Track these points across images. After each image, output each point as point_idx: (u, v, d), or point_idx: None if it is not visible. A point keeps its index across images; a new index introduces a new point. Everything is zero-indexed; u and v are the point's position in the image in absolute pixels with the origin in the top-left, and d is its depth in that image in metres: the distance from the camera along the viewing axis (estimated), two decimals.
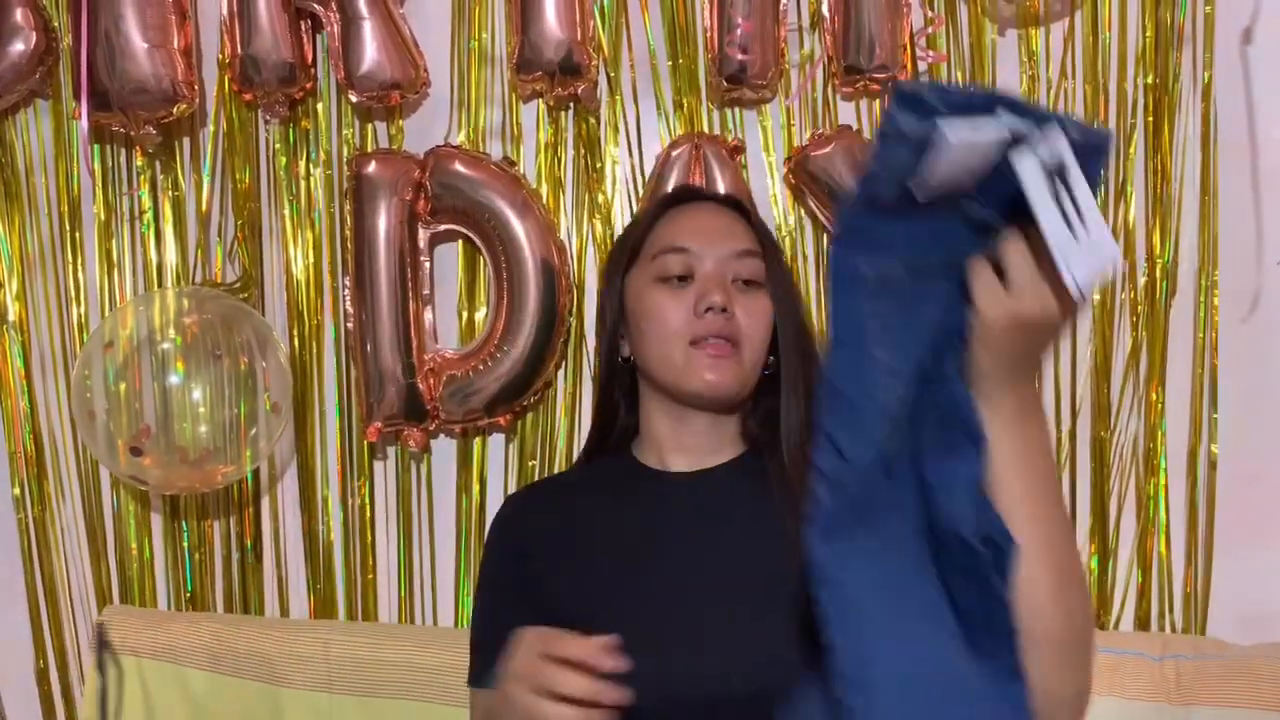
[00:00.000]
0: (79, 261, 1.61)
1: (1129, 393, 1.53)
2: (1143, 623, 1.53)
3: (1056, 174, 0.74)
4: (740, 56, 1.47)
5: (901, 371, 0.79)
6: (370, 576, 1.61)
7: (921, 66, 1.53)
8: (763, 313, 1.14)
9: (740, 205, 1.23)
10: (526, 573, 1.14)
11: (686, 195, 1.25)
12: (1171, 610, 1.53)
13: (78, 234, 1.61)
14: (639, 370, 1.19)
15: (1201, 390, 1.52)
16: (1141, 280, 1.53)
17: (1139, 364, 1.53)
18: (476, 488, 1.59)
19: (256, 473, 1.61)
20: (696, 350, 1.12)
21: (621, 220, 1.56)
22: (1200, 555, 1.53)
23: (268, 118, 1.57)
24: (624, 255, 1.20)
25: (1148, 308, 1.52)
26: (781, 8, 1.50)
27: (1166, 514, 1.53)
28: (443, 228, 1.54)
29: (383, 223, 1.50)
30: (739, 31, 1.46)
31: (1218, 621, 1.52)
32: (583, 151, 1.56)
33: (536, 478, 1.58)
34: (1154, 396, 1.52)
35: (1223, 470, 1.52)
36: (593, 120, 1.56)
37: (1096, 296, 1.53)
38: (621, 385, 1.21)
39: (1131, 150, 1.52)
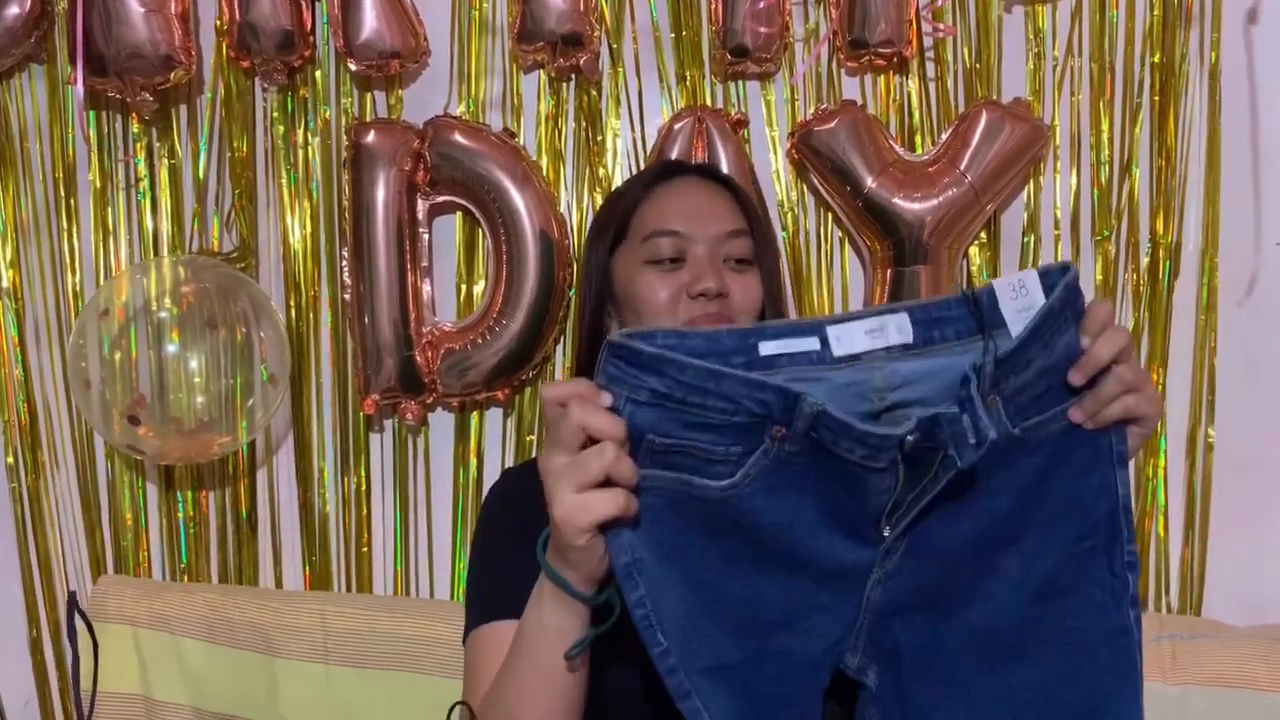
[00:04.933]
0: (74, 229, 1.60)
1: None
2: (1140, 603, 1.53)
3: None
4: (763, 30, 1.46)
5: None
6: (366, 549, 1.60)
7: (928, 41, 1.52)
8: (754, 290, 1.15)
9: (726, 180, 1.22)
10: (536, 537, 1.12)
11: (672, 170, 1.23)
12: (1168, 592, 1.54)
13: (73, 201, 1.59)
14: None
15: (1202, 372, 1.52)
16: (1144, 261, 1.52)
17: (1140, 345, 1.52)
18: (474, 461, 1.59)
19: (252, 444, 1.60)
20: None
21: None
22: (1198, 537, 1.53)
23: (266, 85, 1.56)
24: (609, 231, 1.19)
25: (1150, 289, 1.52)
26: None
27: (1165, 495, 1.53)
28: (442, 199, 1.53)
29: (381, 193, 1.48)
30: (761, 5, 1.44)
31: (1214, 603, 1.53)
32: (584, 124, 1.55)
33: (535, 452, 1.57)
34: (1155, 378, 1.52)
35: (1221, 453, 1.52)
36: (594, 92, 1.54)
37: (1099, 276, 1.52)
38: None
39: (1137, 130, 1.51)
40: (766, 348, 0.77)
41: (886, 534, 0.81)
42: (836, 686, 0.87)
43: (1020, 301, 0.80)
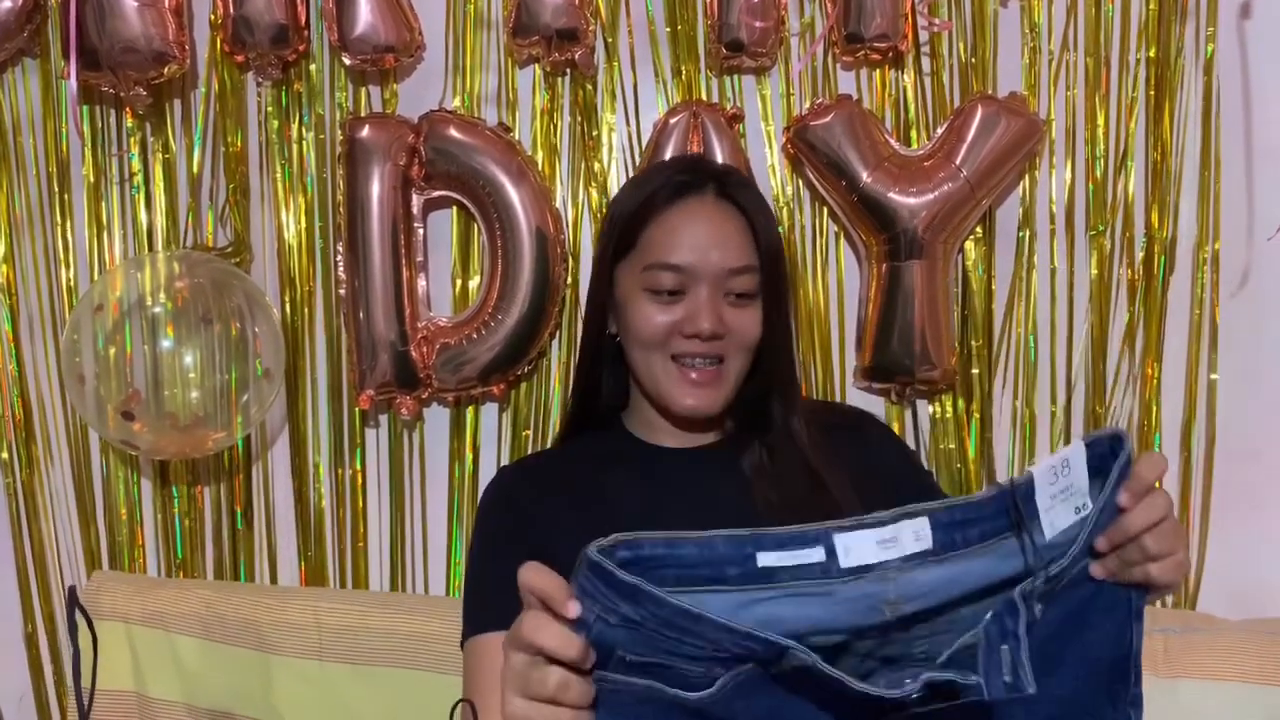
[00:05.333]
0: (68, 224, 1.59)
1: (1125, 368, 1.53)
2: None
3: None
4: (758, 24, 1.45)
5: None
6: (361, 545, 1.60)
7: (924, 36, 1.52)
8: (752, 324, 1.14)
9: (743, 199, 1.15)
10: (534, 539, 1.12)
11: (687, 186, 1.15)
12: None
13: (66, 196, 1.59)
14: (625, 352, 1.19)
15: (1197, 365, 1.52)
16: (1139, 255, 1.52)
17: (1135, 339, 1.53)
18: (469, 456, 1.58)
19: (247, 439, 1.60)
20: (679, 368, 1.13)
21: (618, 189, 1.55)
22: (1192, 530, 1.53)
23: (260, 80, 1.55)
24: (615, 241, 1.17)
25: (1145, 283, 1.52)
26: None
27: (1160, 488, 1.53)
28: (437, 194, 1.53)
29: (376, 188, 1.48)
30: None
31: (1208, 596, 1.53)
32: (579, 118, 1.55)
33: (530, 448, 1.57)
34: (1149, 372, 1.52)
35: (1216, 445, 1.53)
36: (589, 87, 1.54)
37: (1094, 271, 1.52)
38: (608, 359, 1.21)
39: (1132, 124, 1.51)
40: (765, 559, 0.71)
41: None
42: None
43: (1060, 483, 0.75)
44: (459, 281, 1.57)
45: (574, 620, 0.69)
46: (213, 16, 1.53)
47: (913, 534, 0.73)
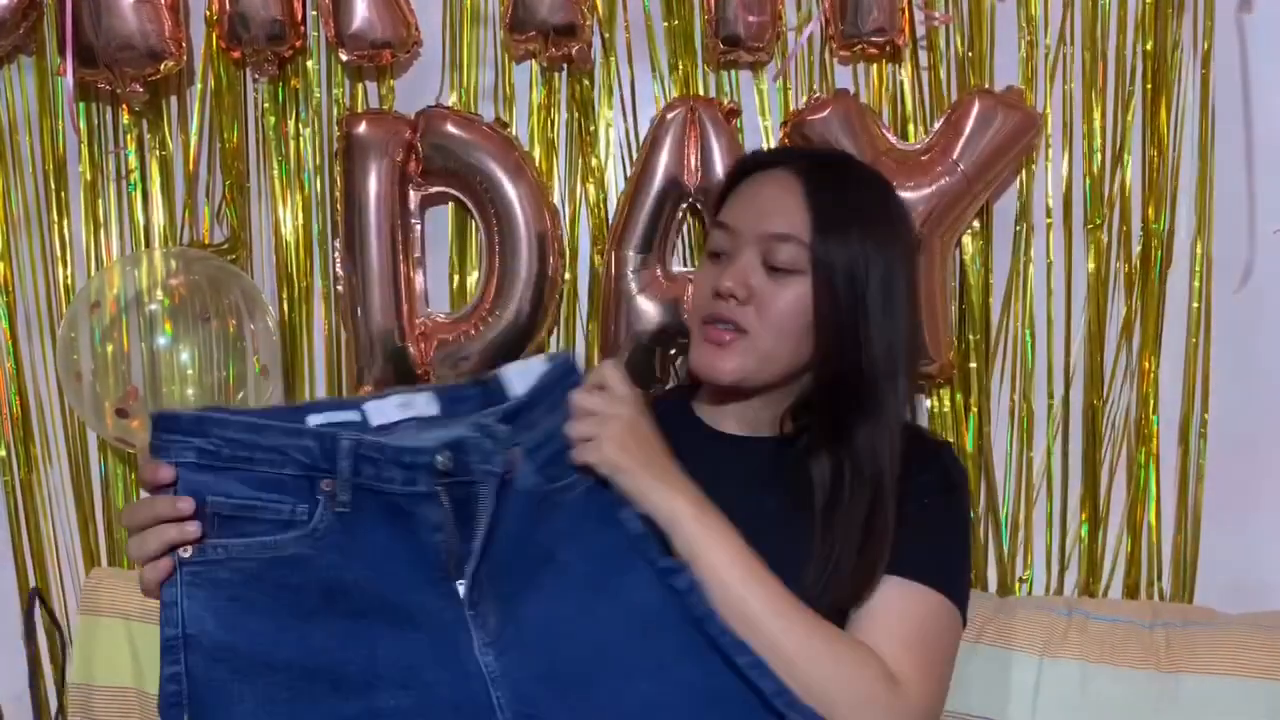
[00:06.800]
0: (65, 221, 1.59)
1: (1122, 362, 1.53)
2: (1131, 590, 1.54)
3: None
4: (751, 19, 1.45)
5: None
6: None
7: (921, 30, 1.51)
8: (788, 302, 1.08)
9: (813, 175, 1.12)
10: None
11: (773, 161, 1.17)
12: (1160, 579, 1.54)
13: (63, 193, 1.59)
14: None
15: (1194, 360, 1.52)
16: (1136, 249, 1.52)
17: (1132, 333, 1.53)
18: None
19: None
20: (707, 329, 1.12)
21: (616, 184, 1.55)
22: (1190, 524, 1.53)
23: (256, 76, 1.55)
24: (713, 205, 1.23)
25: (1142, 277, 1.52)
26: None
27: (1157, 482, 1.53)
28: (434, 190, 1.53)
29: (373, 184, 1.48)
30: None
31: (1205, 590, 1.53)
32: (576, 114, 1.54)
33: None
34: (1147, 365, 1.52)
35: (1213, 439, 1.53)
36: (586, 82, 1.54)
37: (1091, 265, 1.52)
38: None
39: (1129, 118, 1.51)
40: (313, 420, 0.87)
41: (461, 585, 0.88)
42: None
43: (525, 380, 0.94)
44: (456, 277, 1.57)
45: (169, 486, 0.82)
46: (208, 13, 1.53)
47: (423, 401, 0.93)
